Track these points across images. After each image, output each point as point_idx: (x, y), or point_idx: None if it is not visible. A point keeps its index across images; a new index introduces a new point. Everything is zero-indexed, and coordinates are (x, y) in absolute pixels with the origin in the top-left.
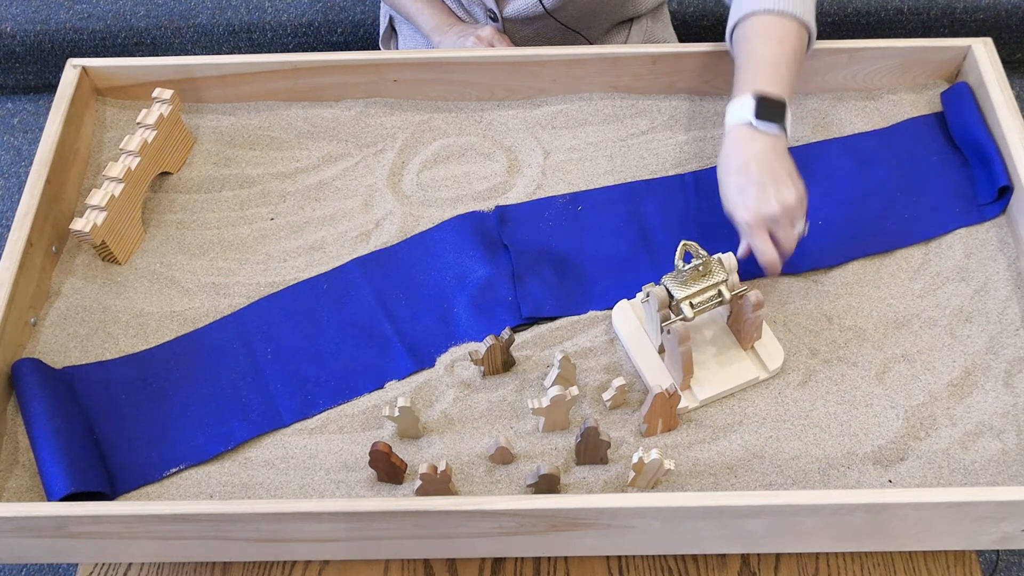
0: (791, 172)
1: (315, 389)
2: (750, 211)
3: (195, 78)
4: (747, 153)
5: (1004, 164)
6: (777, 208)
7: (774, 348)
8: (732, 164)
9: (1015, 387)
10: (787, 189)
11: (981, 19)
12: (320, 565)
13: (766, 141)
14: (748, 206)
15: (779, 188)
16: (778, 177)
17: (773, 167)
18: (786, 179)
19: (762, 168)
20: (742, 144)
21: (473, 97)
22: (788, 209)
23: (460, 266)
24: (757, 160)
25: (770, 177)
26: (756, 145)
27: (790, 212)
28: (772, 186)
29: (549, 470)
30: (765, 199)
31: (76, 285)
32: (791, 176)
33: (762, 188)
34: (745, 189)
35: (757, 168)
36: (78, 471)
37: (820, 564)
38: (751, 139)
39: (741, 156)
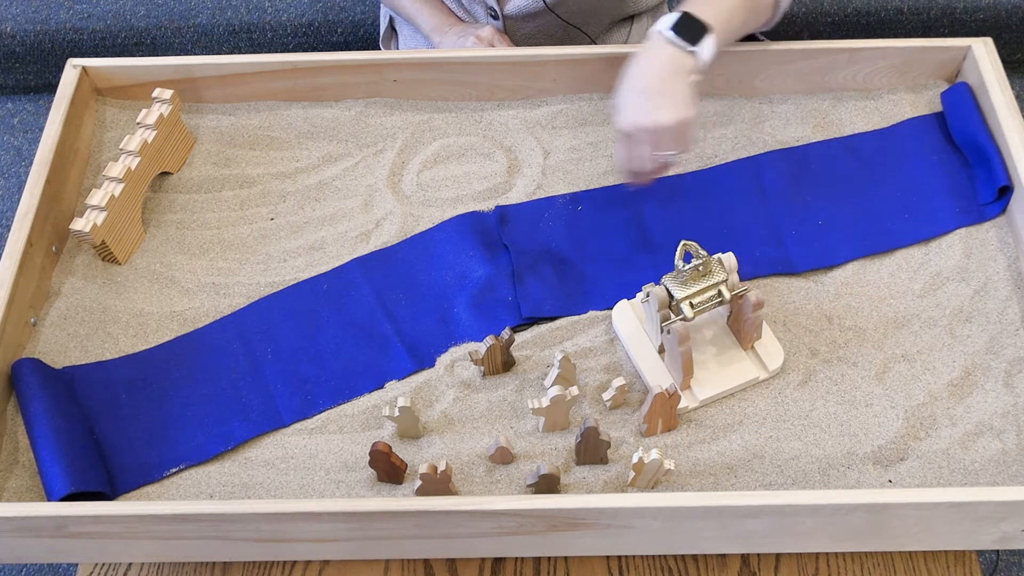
0: (684, 95)
1: (315, 389)
2: (626, 117)
3: (195, 78)
4: (650, 61)
5: (1004, 164)
6: (648, 123)
7: (774, 348)
8: (633, 67)
9: (1015, 387)
10: (668, 108)
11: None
12: (320, 565)
13: (673, 56)
14: (625, 111)
15: (661, 104)
16: (664, 93)
17: (666, 82)
18: (674, 98)
19: (656, 80)
20: (649, 51)
21: (473, 97)
22: (659, 127)
23: (460, 266)
24: (655, 71)
25: (658, 91)
26: (662, 55)
27: (659, 131)
28: (656, 100)
29: (549, 470)
30: (643, 110)
31: (76, 285)
32: (682, 98)
33: (646, 98)
34: (631, 94)
35: (651, 78)
36: (78, 471)
37: (820, 564)
38: (659, 49)
39: (643, 62)
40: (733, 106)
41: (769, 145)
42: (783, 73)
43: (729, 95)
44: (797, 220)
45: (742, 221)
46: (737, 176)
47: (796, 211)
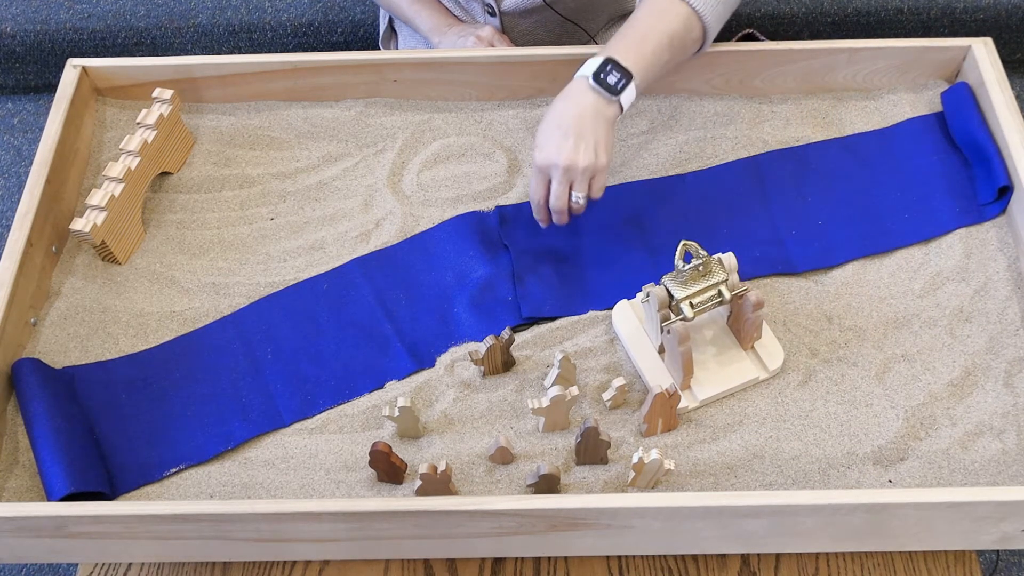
0: (600, 140)
1: (315, 389)
2: (541, 153)
3: (195, 78)
4: (570, 104)
5: (1004, 164)
6: (562, 161)
7: (774, 348)
8: (556, 106)
9: (1015, 387)
10: (583, 152)
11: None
12: (320, 565)
13: (595, 102)
14: (542, 148)
15: (576, 146)
16: (582, 136)
17: (584, 126)
18: (589, 142)
19: (574, 123)
20: (573, 94)
21: (473, 97)
22: (571, 168)
23: (460, 266)
24: (577, 113)
25: (575, 133)
26: (584, 100)
27: (572, 172)
28: (571, 141)
29: (549, 470)
30: (558, 149)
31: (76, 285)
32: (597, 144)
33: (563, 138)
34: (550, 132)
35: (570, 121)
36: (78, 471)
37: (820, 564)
38: (581, 93)
39: (564, 104)
40: (733, 106)
41: (769, 145)
42: (783, 73)
43: (729, 95)
44: (797, 220)
45: (742, 221)
46: (737, 176)
47: (796, 211)
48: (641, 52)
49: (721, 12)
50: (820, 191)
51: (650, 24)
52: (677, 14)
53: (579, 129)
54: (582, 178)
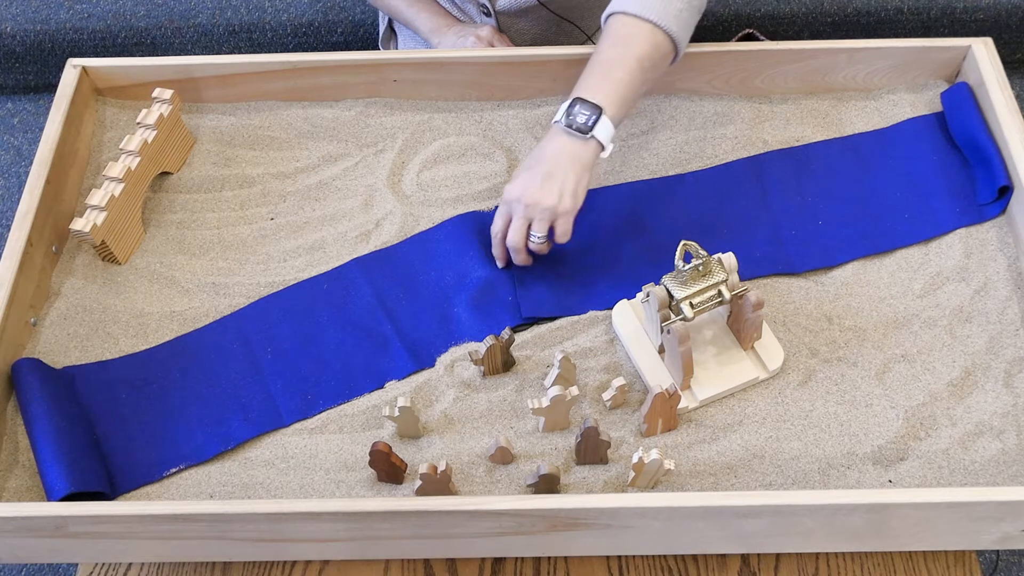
0: (568, 183)
1: (315, 389)
2: (511, 187)
3: (195, 78)
4: (547, 145)
5: (1004, 164)
6: (525, 198)
7: (774, 348)
8: (535, 150)
9: (1015, 387)
10: (548, 192)
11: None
12: (320, 565)
13: (567, 144)
14: (511, 183)
15: (542, 185)
16: (551, 176)
17: (555, 167)
18: (556, 183)
19: (547, 163)
20: (548, 137)
21: (473, 97)
22: (532, 205)
23: (460, 266)
24: (550, 155)
25: (545, 173)
26: (560, 143)
27: (532, 209)
28: (538, 180)
29: (549, 470)
30: (524, 186)
31: (76, 285)
32: (564, 186)
33: (532, 176)
34: (524, 170)
35: (544, 160)
36: (78, 471)
37: (820, 564)
38: (555, 136)
39: (541, 145)
40: (733, 106)
41: (769, 145)
42: (783, 73)
43: (729, 95)
44: (797, 220)
45: (742, 221)
46: (737, 176)
47: (796, 211)
48: (609, 83)
49: (687, 19)
50: (820, 191)
51: (615, 53)
52: (641, 36)
53: (550, 170)
54: (541, 217)
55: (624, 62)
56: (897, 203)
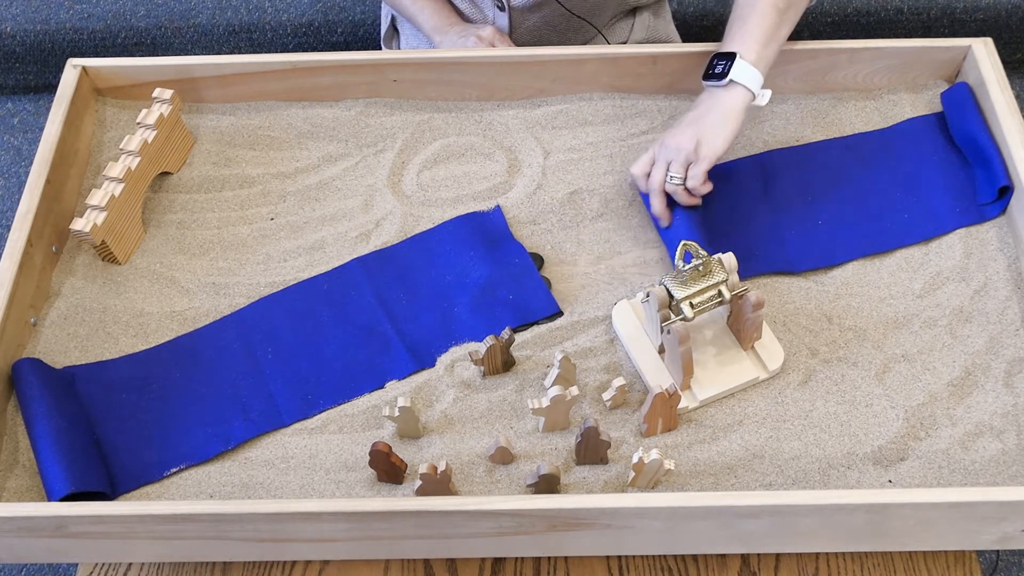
0: (706, 131)
1: (315, 389)
2: (660, 138)
3: (195, 78)
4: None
5: (1004, 164)
6: (667, 141)
7: (774, 348)
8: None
9: (1015, 387)
10: (689, 137)
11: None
12: (320, 565)
13: (708, 95)
14: (662, 135)
15: (685, 132)
16: (693, 124)
17: (699, 116)
18: (696, 129)
19: (693, 113)
20: (697, 100)
21: (473, 97)
22: (672, 149)
23: (460, 266)
24: (696, 108)
25: (689, 121)
26: (700, 98)
27: (668, 151)
28: (684, 128)
29: (549, 470)
30: (670, 133)
31: (76, 285)
32: (703, 132)
33: (677, 125)
34: (678, 123)
35: (691, 113)
36: (78, 471)
37: (820, 564)
38: (701, 95)
39: (691, 107)
40: None
41: (769, 145)
42: (783, 73)
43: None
44: (798, 220)
45: (743, 220)
46: (738, 175)
47: (797, 210)
48: (743, 31)
49: None
50: (820, 191)
51: (747, 1)
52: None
53: (694, 117)
54: (676, 159)
55: (756, 7)
56: (897, 203)
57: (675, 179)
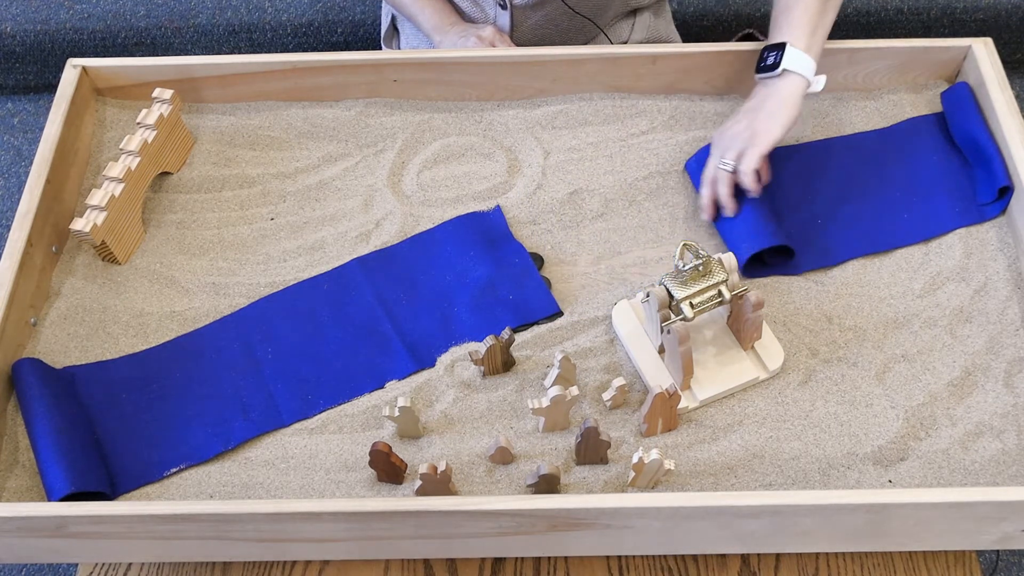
0: (761, 119)
1: (315, 389)
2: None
3: (195, 78)
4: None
5: (1004, 164)
6: (724, 131)
7: (774, 348)
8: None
9: (1015, 387)
10: (744, 126)
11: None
12: (320, 565)
13: (762, 87)
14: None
15: (740, 122)
16: (748, 113)
17: (754, 106)
18: (750, 118)
19: (748, 104)
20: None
21: (473, 97)
22: (728, 137)
23: (460, 266)
24: (752, 100)
25: (745, 111)
26: (754, 91)
27: (726, 141)
28: (739, 118)
29: (549, 470)
30: (726, 124)
31: (76, 285)
32: (757, 122)
33: (733, 117)
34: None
35: (747, 104)
36: (78, 471)
37: (820, 564)
38: (754, 88)
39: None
40: (733, 106)
41: None
42: None
43: (729, 95)
44: (798, 219)
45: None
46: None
47: (796, 210)
48: (790, 21)
49: None
50: (820, 190)
51: None
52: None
53: (749, 107)
54: (730, 146)
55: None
56: (897, 203)
57: (726, 165)
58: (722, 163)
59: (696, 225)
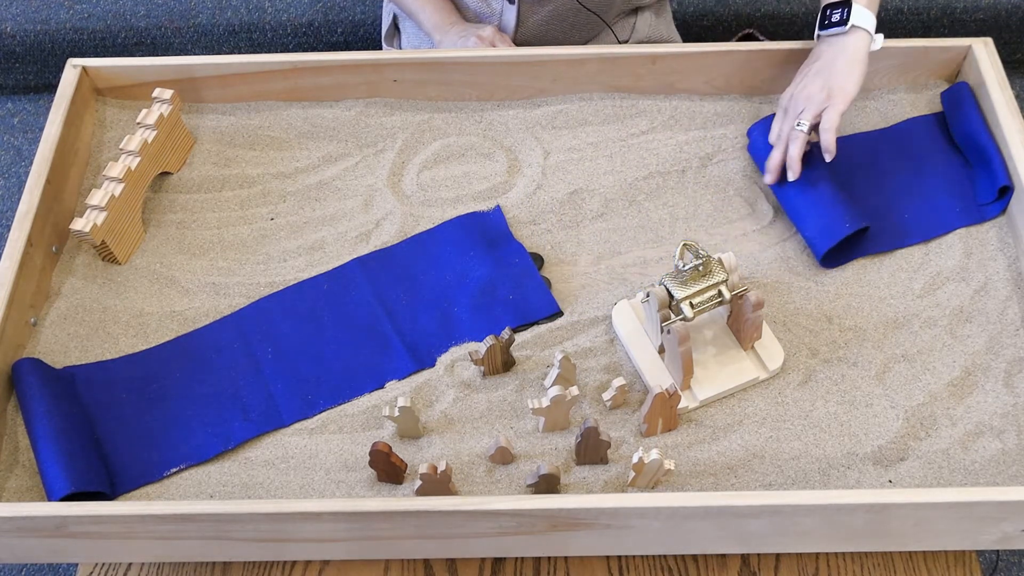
0: (837, 77)
1: (315, 389)
2: (782, 95)
3: (195, 78)
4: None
5: (1004, 164)
6: (796, 93)
7: (774, 348)
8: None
9: (1015, 387)
10: (819, 86)
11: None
12: (320, 565)
13: (828, 45)
14: (785, 92)
15: (813, 82)
16: (820, 74)
17: (824, 65)
18: (824, 78)
19: (816, 64)
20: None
21: (473, 97)
22: (802, 99)
23: (460, 266)
24: (816, 60)
25: (815, 72)
26: (818, 50)
27: (802, 103)
28: (810, 78)
29: (549, 470)
30: (795, 85)
31: (76, 285)
32: (833, 79)
33: (801, 78)
34: (793, 79)
35: (812, 64)
36: (78, 471)
37: (820, 564)
38: (817, 47)
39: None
40: (733, 106)
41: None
42: (783, 73)
43: (729, 95)
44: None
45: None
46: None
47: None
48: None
49: None
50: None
51: None
52: None
53: (819, 68)
54: (807, 108)
55: None
56: (897, 203)
57: (803, 125)
58: (798, 124)
59: (696, 225)
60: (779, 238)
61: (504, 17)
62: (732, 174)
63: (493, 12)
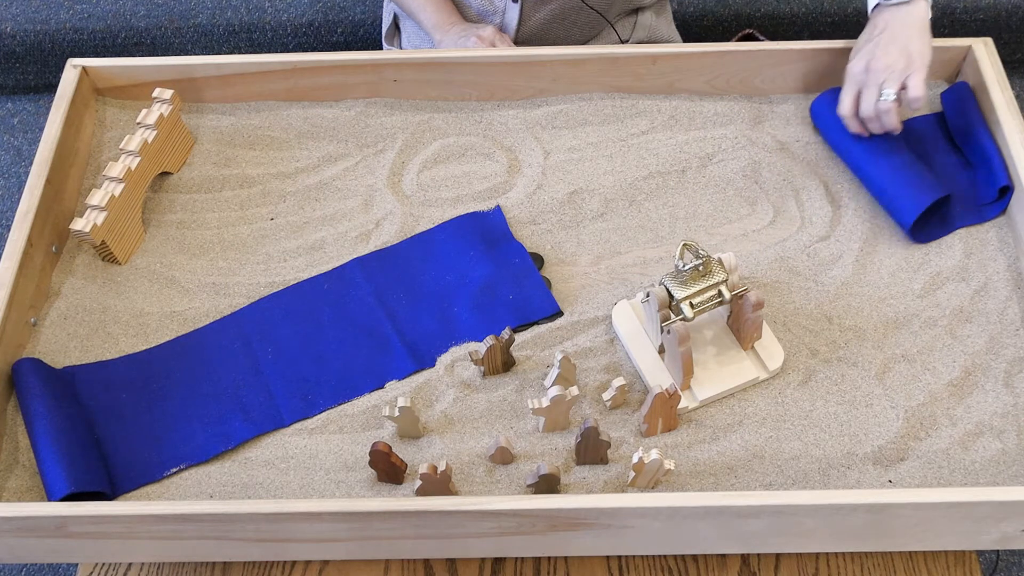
0: (913, 44)
1: (315, 389)
2: (853, 65)
3: (195, 78)
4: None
5: (1004, 164)
6: (874, 64)
7: (774, 348)
8: (861, 36)
9: (1015, 387)
10: (897, 54)
11: (981, 19)
12: (320, 565)
13: (894, 15)
14: (854, 62)
15: (889, 50)
16: (895, 42)
17: (895, 34)
18: (900, 45)
19: (885, 34)
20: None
21: (473, 97)
22: (883, 70)
23: (460, 266)
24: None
25: (888, 41)
26: (883, 19)
27: (883, 74)
28: (884, 47)
29: (549, 470)
30: (870, 56)
31: (76, 285)
32: (910, 46)
33: (874, 48)
34: (859, 49)
35: (881, 34)
36: (78, 471)
37: (820, 564)
38: (880, 16)
39: (870, 30)
40: (733, 106)
41: (769, 145)
42: (783, 73)
43: (729, 95)
44: None
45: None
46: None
47: None
48: None
49: None
50: None
51: None
52: None
53: (890, 37)
54: (890, 77)
55: None
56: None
57: (889, 96)
58: (884, 96)
59: (696, 225)
60: (779, 238)
61: (507, 15)
62: (732, 174)
63: (496, 10)
